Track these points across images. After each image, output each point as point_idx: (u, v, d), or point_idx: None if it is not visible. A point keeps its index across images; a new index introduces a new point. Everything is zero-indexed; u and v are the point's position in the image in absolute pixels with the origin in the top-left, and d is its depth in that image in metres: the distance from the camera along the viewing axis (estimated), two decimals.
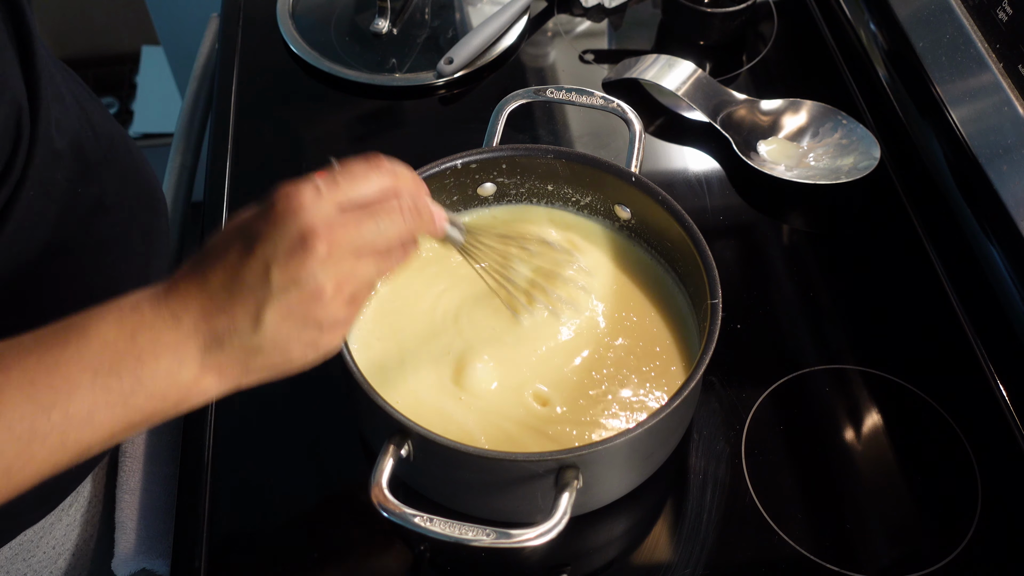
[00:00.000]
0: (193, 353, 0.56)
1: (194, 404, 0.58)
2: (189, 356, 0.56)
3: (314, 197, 0.56)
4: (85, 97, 0.83)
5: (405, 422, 0.69)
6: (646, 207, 0.86)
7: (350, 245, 0.57)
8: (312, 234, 0.55)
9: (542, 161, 0.88)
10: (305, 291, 0.56)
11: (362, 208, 0.59)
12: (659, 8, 1.28)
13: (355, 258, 0.57)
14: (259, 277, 0.55)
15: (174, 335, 0.56)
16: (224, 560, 0.79)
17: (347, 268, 0.57)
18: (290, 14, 1.24)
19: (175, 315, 0.56)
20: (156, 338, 0.55)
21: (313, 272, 0.55)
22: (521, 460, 0.69)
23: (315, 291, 0.56)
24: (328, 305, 0.57)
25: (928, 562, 0.79)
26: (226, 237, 0.57)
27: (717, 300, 0.76)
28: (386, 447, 0.69)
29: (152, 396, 0.56)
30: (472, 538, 0.65)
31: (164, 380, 0.56)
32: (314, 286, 0.56)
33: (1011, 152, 0.90)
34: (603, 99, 0.92)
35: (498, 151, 0.88)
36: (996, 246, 0.93)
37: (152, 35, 2.26)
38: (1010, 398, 0.88)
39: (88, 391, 0.53)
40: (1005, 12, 0.91)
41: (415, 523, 0.66)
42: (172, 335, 0.55)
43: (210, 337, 0.56)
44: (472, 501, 0.77)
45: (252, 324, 0.56)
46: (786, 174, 1.03)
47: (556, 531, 0.66)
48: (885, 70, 1.13)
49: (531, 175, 0.91)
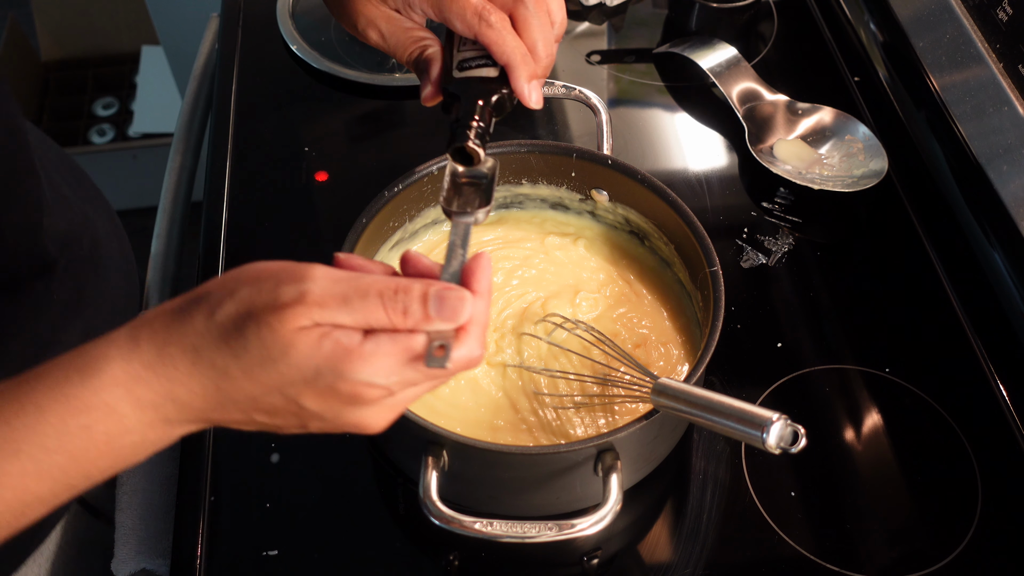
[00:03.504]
0: (179, 430, 0.53)
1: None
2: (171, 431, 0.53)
3: (379, 374, 0.51)
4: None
5: (441, 432, 0.69)
6: (627, 189, 0.86)
7: (406, 401, 0.55)
8: (369, 398, 0.52)
9: (517, 156, 0.88)
10: (350, 424, 0.54)
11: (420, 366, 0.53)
12: (660, 7, 1.28)
13: (405, 404, 0.55)
14: (302, 427, 0.54)
15: (163, 431, 0.53)
16: (224, 560, 0.79)
17: (399, 410, 0.56)
18: (290, 14, 1.24)
19: (169, 421, 0.52)
20: (140, 441, 0.52)
21: (363, 417, 0.54)
22: (564, 451, 0.69)
23: (359, 425, 0.54)
24: (372, 428, 0.55)
25: (928, 562, 0.79)
26: (264, 390, 0.52)
27: (715, 268, 0.76)
28: (425, 460, 0.69)
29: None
30: (536, 534, 0.66)
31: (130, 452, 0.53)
32: (361, 421, 0.54)
33: (1011, 152, 0.90)
34: (564, 88, 0.90)
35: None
36: (996, 246, 0.93)
37: (152, 35, 2.26)
38: (1010, 398, 0.88)
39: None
40: (1005, 12, 0.91)
41: (476, 529, 0.66)
42: (159, 432, 0.53)
43: (212, 424, 0.54)
44: (511, 501, 0.78)
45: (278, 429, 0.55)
46: (793, 175, 1.04)
47: (613, 514, 0.67)
48: (885, 70, 1.13)
49: (506, 172, 0.90)
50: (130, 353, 0.51)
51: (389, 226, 0.86)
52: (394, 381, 0.51)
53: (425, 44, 0.67)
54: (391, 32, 0.68)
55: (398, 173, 0.83)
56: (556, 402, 0.79)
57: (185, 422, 0.53)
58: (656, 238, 0.88)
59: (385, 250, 0.87)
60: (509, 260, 0.90)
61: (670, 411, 0.68)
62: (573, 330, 0.83)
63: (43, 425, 0.49)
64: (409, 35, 0.68)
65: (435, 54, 0.67)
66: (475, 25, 0.63)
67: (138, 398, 0.51)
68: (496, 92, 0.64)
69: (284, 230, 1.04)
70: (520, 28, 0.64)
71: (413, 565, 0.80)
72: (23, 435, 0.49)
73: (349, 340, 0.50)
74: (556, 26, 0.66)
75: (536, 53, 0.64)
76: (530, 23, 0.64)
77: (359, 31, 0.69)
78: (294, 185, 1.07)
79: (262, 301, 0.50)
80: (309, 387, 0.51)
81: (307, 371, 0.50)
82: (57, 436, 0.50)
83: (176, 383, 0.51)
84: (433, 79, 0.66)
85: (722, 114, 1.13)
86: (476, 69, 0.65)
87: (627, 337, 0.85)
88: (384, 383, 0.51)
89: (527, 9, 0.64)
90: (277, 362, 0.50)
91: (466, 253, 0.58)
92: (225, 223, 1.03)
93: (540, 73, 0.65)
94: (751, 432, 0.63)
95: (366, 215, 0.80)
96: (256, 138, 1.12)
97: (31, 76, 2.40)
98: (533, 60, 0.64)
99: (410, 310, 0.51)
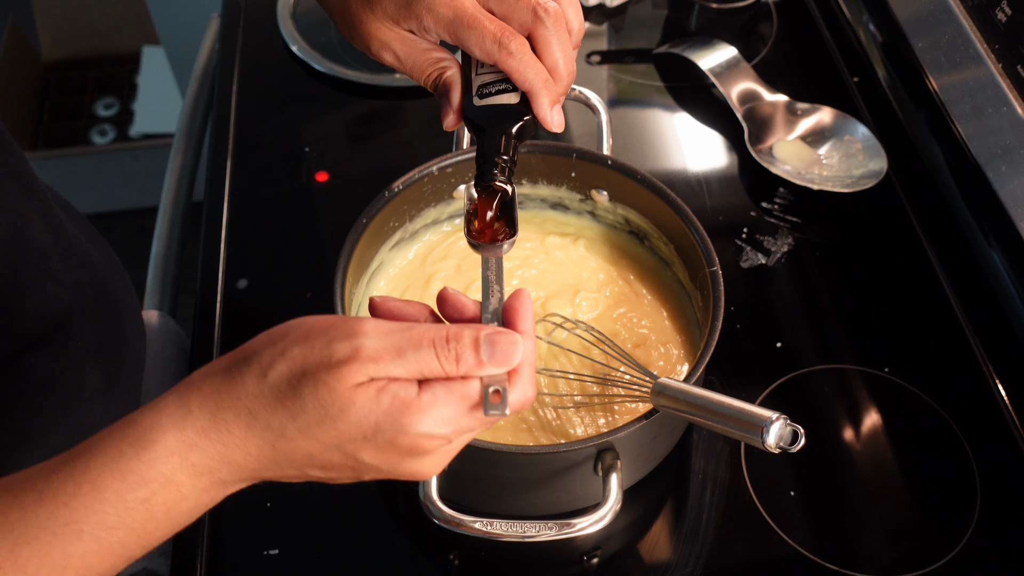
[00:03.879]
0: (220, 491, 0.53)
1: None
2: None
3: (438, 425, 0.51)
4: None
5: None
6: (626, 189, 0.86)
7: (460, 445, 0.55)
8: (428, 449, 0.52)
9: (517, 156, 0.88)
10: (406, 473, 0.54)
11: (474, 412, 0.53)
12: (660, 8, 1.28)
13: (459, 449, 0.56)
14: (356, 478, 0.54)
15: (216, 493, 0.53)
16: (225, 559, 0.79)
17: (452, 455, 0.56)
18: (290, 14, 1.24)
19: (223, 483, 0.52)
20: (195, 506, 0.52)
21: (420, 466, 0.54)
22: (564, 451, 0.70)
23: (416, 473, 0.54)
24: (428, 476, 0.55)
25: (927, 561, 0.79)
26: (322, 448, 0.51)
27: (715, 268, 0.77)
28: None
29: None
30: (536, 534, 0.66)
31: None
32: (418, 470, 0.54)
33: (1010, 152, 0.90)
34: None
35: (472, 152, 0.87)
36: (994, 246, 0.93)
37: (153, 35, 2.26)
38: (1009, 397, 0.88)
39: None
40: (1004, 12, 0.91)
41: (476, 529, 0.67)
42: (213, 494, 0.53)
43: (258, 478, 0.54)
44: (511, 501, 0.78)
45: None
46: (792, 175, 1.04)
47: (612, 514, 0.67)
48: (884, 70, 1.13)
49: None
50: (182, 421, 0.50)
51: (389, 226, 0.86)
52: (452, 431, 0.52)
53: (443, 66, 0.66)
54: (407, 54, 0.66)
55: (398, 173, 0.84)
56: (556, 402, 0.80)
57: (238, 481, 0.53)
58: (656, 238, 0.88)
59: (385, 250, 0.87)
60: (509, 260, 0.90)
61: (670, 411, 0.69)
62: (573, 330, 0.83)
63: (102, 504, 0.49)
64: (426, 56, 0.66)
65: (453, 77, 0.65)
66: (494, 53, 0.62)
67: (193, 465, 0.50)
68: (519, 120, 0.63)
69: (284, 230, 1.04)
70: (540, 49, 0.63)
71: (413, 565, 0.80)
72: (83, 515, 0.49)
73: (407, 393, 0.50)
74: (574, 35, 0.65)
75: (557, 73, 0.63)
76: (550, 43, 0.62)
77: (373, 53, 0.67)
78: (294, 185, 1.07)
79: (315, 359, 0.50)
80: (369, 443, 0.51)
81: (367, 427, 0.50)
82: (117, 513, 0.49)
83: (231, 447, 0.51)
84: (455, 107, 0.65)
85: (722, 114, 1.13)
86: (497, 96, 0.64)
87: (627, 337, 0.85)
88: (443, 433, 0.51)
89: (547, 29, 0.62)
90: (336, 420, 0.50)
91: (503, 287, 0.57)
92: (225, 223, 1.03)
93: (562, 92, 0.64)
94: (750, 432, 0.63)
95: (366, 215, 0.81)
96: (256, 138, 1.13)
97: (32, 76, 2.40)
98: (554, 80, 0.63)
99: (463, 357, 0.51)
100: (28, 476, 0.50)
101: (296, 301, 0.96)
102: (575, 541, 0.80)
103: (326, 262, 0.98)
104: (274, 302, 0.97)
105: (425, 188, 0.86)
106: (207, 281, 0.97)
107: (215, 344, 0.92)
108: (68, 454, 0.50)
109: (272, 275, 0.99)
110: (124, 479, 0.49)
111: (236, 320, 0.94)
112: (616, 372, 0.80)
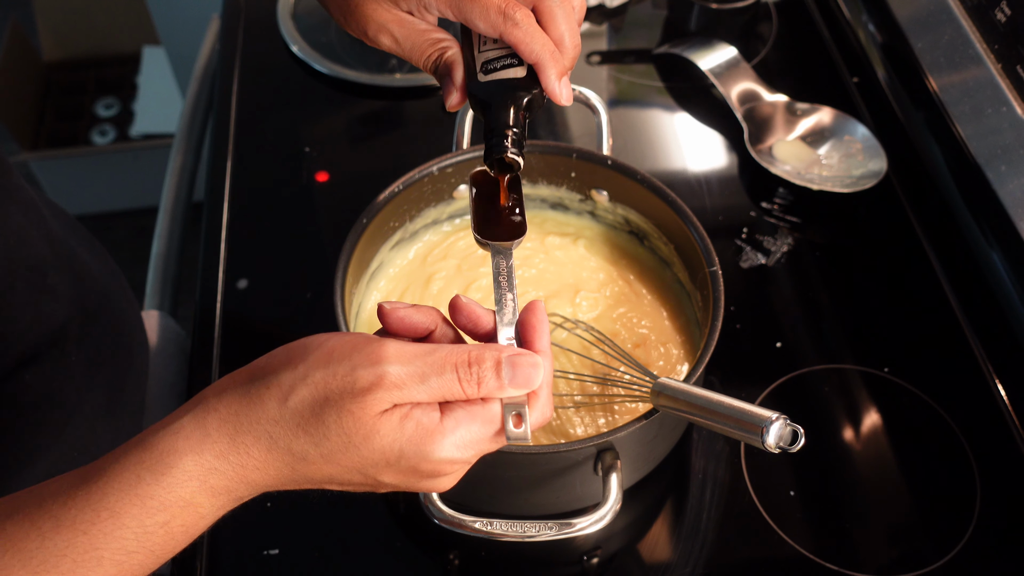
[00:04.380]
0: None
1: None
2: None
3: (460, 450, 0.52)
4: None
5: None
6: (626, 189, 0.86)
7: (474, 460, 0.55)
8: (448, 472, 0.53)
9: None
10: (424, 489, 0.55)
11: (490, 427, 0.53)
12: (660, 8, 1.28)
13: (473, 462, 0.56)
14: (372, 491, 0.54)
15: (232, 507, 0.53)
16: (225, 559, 0.79)
17: (466, 470, 0.56)
18: (291, 15, 1.25)
19: (240, 499, 0.52)
20: (211, 523, 0.53)
21: (438, 484, 0.54)
22: (564, 450, 0.70)
23: (432, 489, 0.55)
24: (443, 490, 0.56)
25: (927, 561, 0.79)
26: (343, 471, 0.52)
27: (715, 268, 0.77)
28: None
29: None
30: (536, 533, 0.67)
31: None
32: (434, 488, 0.55)
33: (1009, 152, 0.90)
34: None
35: (472, 152, 0.87)
36: (994, 246, 0.93)
37: (153, 36, 2.27)
38: (1009, 398, 0.88)
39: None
40: (1004, 13, 0.91)
41: (476, 528, 0.67)
42: (229, 508, 0.53)
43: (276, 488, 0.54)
44: (512, 501, 0.78)
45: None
46: (792, 175, 1.04)
47: (612, 514, 0.67)
48: (884, 70, 1.14)
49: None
50: (200, 444, 0.50)
51: (389, 226, 0.86)
52: (472, 455, 0.52)
53: (444, 47, 0.64)
54: (405, 36, 0.64)
55: (398, 173, 0.84)
56: (556, 402, 0.80)
57: (255, 495, 0.53)
58: (656, 238, 0.88)
59: (385, 250, 0.87)
60: None
61: (670, 411, 0.69)
62: (573, 330, 0.83)
63: (122, 530, 0.49)
64: (425, 37, 0.64)
65: (455, 56, 0.64)
66: (500, 25, 0.60)
67: (212, 487, 0.50)
68: (527, 93, 0.61)
69: (284, 230, 1.04)
70: (545, 21, 0.61)
71: (413, 565, 0.80)
72: (103, 542, 0.48)
73: (429, 420, 0.50)
74: (577, 11, 0.64)
75: (563, 46, 0.62)
76: (555, 15, 0.61)
77: (370, 37, 0.65)
78: (294, 185, 1.07)
79: (338, 386, 0.50)
80: (391, 467, 0.51)
81: (390, 455, 0.50)
82: (136, 538, 0.49)
83: (250, 469, 0.51)
84: (458, 84, 0.63)
85: (721, 114, 1.13)
86: (502, 71, 0.62)
87: (627, 337, 0.85)
88: (464, 458, 0.52)
89: (552, 0, 0.61)
90: (360, 448, 0.50)
91: (516, 296, 0.57)
92: (226, 223, 1.03)
93: (568, 65, 0.62)
94: (750, 432, 0.63)
95: (366, 215, 0.81)
96: (257, 138, 1.13)
97: (33, 77, 2.40)
98: (561, 53, 0.61)
99: (484, 380, 0.51)
100: (42, 499, 0.49)
101: (296, 301, 0.96)
102: (575, 541, 0.80)
103: (326, 262, 0.98)
104: (274, 302, 0.97)
105: (425, 188, 0.86)
106: (207, 281, 0.97)
107: (215, 344, 0.92)
108: (82, 475, 0.50)
109: (272, 275, 0.99)
110: (143, 504, 0.49)
111: (236, 320, 0.94)
112: (616, 372, 0.80)
